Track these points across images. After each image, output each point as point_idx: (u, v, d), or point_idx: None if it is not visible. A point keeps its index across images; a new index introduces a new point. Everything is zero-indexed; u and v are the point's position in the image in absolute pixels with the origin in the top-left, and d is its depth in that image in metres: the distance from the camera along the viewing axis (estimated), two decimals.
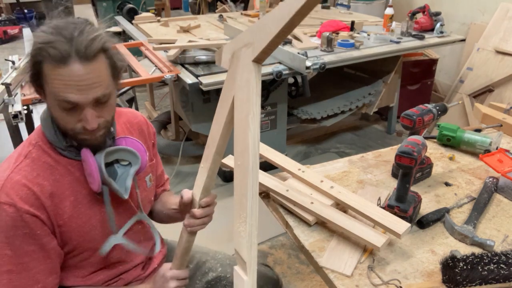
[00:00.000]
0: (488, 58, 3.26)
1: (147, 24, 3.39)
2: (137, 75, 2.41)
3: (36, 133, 0.99)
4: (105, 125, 0.94)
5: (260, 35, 0.80)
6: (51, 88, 0.86)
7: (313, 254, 1.09)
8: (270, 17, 0.78)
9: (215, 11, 5.07)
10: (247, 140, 0.83)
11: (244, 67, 0.85)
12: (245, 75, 0.85)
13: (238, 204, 0.84)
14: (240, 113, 0.85)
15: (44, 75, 0.87)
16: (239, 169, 0.84)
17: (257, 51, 0.81)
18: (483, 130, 1.68)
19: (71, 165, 0.98)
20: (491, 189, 1.31)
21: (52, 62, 0.84)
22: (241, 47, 0.87)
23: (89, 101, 0.87)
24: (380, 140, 3.43)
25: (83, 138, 0.93)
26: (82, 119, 0.89)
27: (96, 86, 0.87)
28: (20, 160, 0.95)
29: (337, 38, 2.81)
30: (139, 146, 1.04)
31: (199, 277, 1.29)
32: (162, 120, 3.26)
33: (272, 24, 0.77)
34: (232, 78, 0.89)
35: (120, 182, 1.01)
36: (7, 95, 1.91)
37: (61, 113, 0.89)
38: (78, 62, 0.84)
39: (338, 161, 1.53)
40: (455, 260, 0.99)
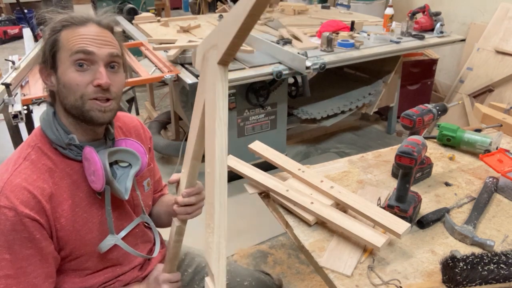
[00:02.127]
0: (488, 58, 3.26)
1: (147, 24, 3.39)
2: (137, 75, 2.41)
3: (35, 135, 0.98)
4: (114, 97, 0.96)
5: (223, 36, 0.79)
6: (68, 47, 0.91)
7: (313, 254, 1.09)
8: (229, 17, 0.76)
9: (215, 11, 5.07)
10: (214, 147, 0.80)
11: (211, 69, 0.83)
12: (211, 78, 0.83)
13: (208, 214, 0.80)
14: (209, 119, 0.83)
15: (60, 42, 0.92)
16: (208, 177, 0.81)
17: (220, 53, 0.79)
18: (483, 130, 1.68)
19: (70, 167, 0.97)
20: (491, 189, 1.31)
21: (72, 26, 0.93)
22: (209, 48, 0.85)
23: (104, 55, 0.93)
24: (380, 140, 3.43)
25: (93, 109, 0.93)
26: (95, 78, 0.91)
27: (110, 45, 0.95)
28: (19, 162, 0.94)
29: (337, 38, 2.81)
30: (139, 148, 1.05)
31: (197, 281, 1.28)
32: (162, 120, 3.25)
33: (231, 25, 0.75)
34: (202, 80, 0.88)
35: (120, 183, 1.00)
36: (7, 95, 1.92)
37: (74, 74, 0.91)
38: (95, 25, 0.95)
39: (338, 161, 1.53)
40: (455, 260, 0.98)
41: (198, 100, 0.92)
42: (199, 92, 0.91)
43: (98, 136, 1.01)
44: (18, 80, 2.15)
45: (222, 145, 0.80)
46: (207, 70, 0.86)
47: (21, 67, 2.25)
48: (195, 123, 0.93)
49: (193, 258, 1.31)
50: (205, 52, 0.87)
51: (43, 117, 0.98)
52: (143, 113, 3.71)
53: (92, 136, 1.00)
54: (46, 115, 0.98)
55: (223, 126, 0.80)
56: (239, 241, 2.28)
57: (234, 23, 0.73)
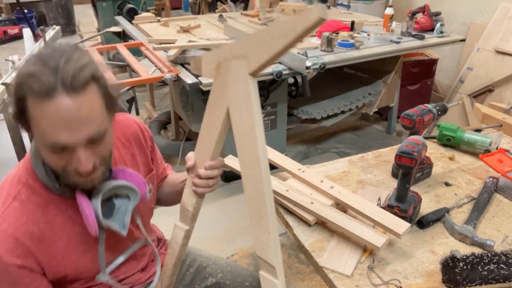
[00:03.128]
0: (488, 58, 3.26)
1: (147, 24, 3.39)
2: (137, 75, 2.41)
3: (26, 169, 0.90)
4: (102, 163, 0.85)
5: (257, 50, 0.80)
6: (38, 129, 0.77)
7: (313, 254, 1.09)
8: (269, 32, 0.78)
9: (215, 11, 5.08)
10: (256, 151, 0.83)
11: (239, 79, 0.85)
12: (241, 88, 0.85)
13: (256, 213, 0.85)
14: (242, 125, 0.86)
15: (29, 113, 0.77)
16: (250, 179, 0.85)
17: (254, 65, 0.81)
18: (483, 130, 1.68)
19: (64, 203, 0.90)
20: (491, 189, 1.31)
21: (36, 97, 0.73)
22: (229, 58, 0.87)
23: (81, 141, 0.77)
24: (380, 140, 3.43)
25: (77, 181, 0.84)
26: (74, 161, 0.79)
27: (89, 123, 0.77)
28: (8, 201, 0.87)
29: (337, 38, 2.81)
30: (138, 179, 0.96)
31: (198, 281, 1.28)
32: (162, 120, 3.25)
33: (273, 41, 0.76)
34: (221, 88, 0.90)
35: (118, 217, 0.95)
36: (7, 95, 1.91)
37: (50, 155, 0.79)
38: (66, 95, 0.73)
39: (338, 161, 1.53)
40: (455, 260, 0.99)
41: (216, 107, 0.93)
42: (217, 99, 0.92)
43: None
44: None
45: (263, 148, 0.84)
46: (229, 79, 0.88)
47: None
48: (212, 129, 0.95)
49: (194, 259, 1.31)
50: (222, 62, 0.89)
51: (32, 153, 0.89)
52: (143, 113, 3.71)
53: None
54: (34, 153, 0.88)
55: (262, 131, 0.84)
56: (239, 241, 2.28)
57: (280, 39, 0.75)
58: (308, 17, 0.72)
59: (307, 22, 0.71)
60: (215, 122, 0.95)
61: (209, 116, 0.96)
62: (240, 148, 0.87)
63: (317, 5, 0.71)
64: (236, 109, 0.88)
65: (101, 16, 4.09)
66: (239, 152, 0.88)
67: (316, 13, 0.70)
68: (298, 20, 0.73)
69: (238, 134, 0.88)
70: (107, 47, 3.12)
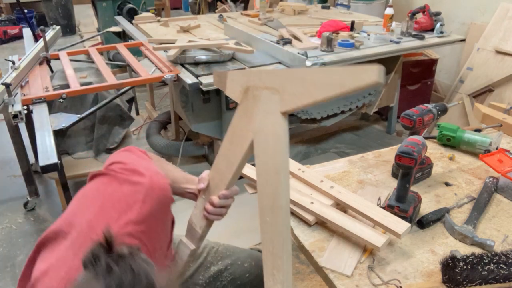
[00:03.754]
0: (488, 58, 3.26)
1: (147, 24, 3.39)
2: (137, 75, 2.41)
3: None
4: None
5: (295, 90, 0.73)
6: None
7: (313, 254, 1.09)
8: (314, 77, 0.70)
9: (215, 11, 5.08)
10: (279, 198, 0.78)
11: (268, 114, 0.79)
12: (270, 124, 0.78)
13: (271, 262, 0.80)
14: (266, 166, 0.80)
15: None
16: (268, 225, 0.80)
17: (289, 106, 0.75)
18: (483, 130, 1.68)
19: None
20: (491, 189, 1.31)
21: None
22: (260, 87, 0.80)
23: None
24: (380, 140, 3.43)
25: None
26: None
27: None
28: None
29: (337, 38, 2.81)
30: None
31: (202, 272, 1.30)
32: (162, 120, 3.25)
33: (316, 88, 0.70)
34: (247, 116, 0.84)
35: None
36: (7, 95, 1.92)
37: None
38: None
39: (338, 161, 1.53)
40: (455, 260, 0.99)
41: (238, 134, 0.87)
42: (240, 125, 0.86)
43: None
44: (18, 80, 2.15)
45: (287, 196, 0.78)
46: (257, 109, 0.82)
47: (21, 67, 2.25)
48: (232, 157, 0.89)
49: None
50: (252, 88, 0.83)
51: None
52: (143, 113, 3.71)
53: None
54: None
55: (288, 177, 0.78)
56: (239, 241, 2.28)
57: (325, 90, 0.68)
58: (363, 78, 0.64)
59: (361, 83, 0.64)
60: (236, 151, 0.88)
61: (230, 143, 0.90)
62: (261, 190, 0.81)
63: (374, 67, 0.63)
64: (261, 147, 0.81)
65: (101, 16, 4.09)
66: (259, 194, 0.82)
67: (374, 77, 0.63)
68: (351, 77, 0.66)
69: (261, 175, 0.82)
70: (107, 47, 3.12)
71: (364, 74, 0.63)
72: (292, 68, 0.74)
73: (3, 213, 2.50)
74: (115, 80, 2.27)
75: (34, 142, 2.25)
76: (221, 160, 0.94)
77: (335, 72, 0.68)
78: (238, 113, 0.87)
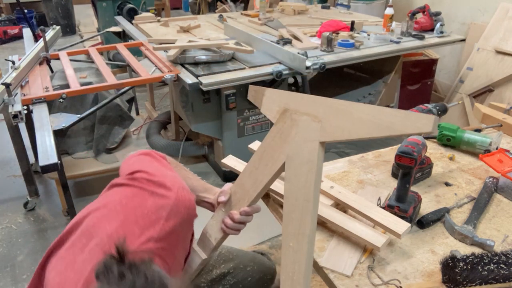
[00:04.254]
0: (488, 58, 3.25)
1: (147, 24, 3.39)
2: (137, 75, 2.41)
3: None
4: None
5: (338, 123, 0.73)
6: None
7: (313, 254, 1.09)
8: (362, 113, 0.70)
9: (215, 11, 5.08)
10: (306, 226, 0.78)
11: (306, 142, 0.79)
12: (306, 151, 0.78)
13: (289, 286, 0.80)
14: (296, 192, 0.80)
15: None
16: (291, 251, 0.80)
17: (329, 136, 0.75)
18: (483, 130, 1.68)
19: None
20: (491, 189, 1.31)
21: None
22: (300, 111, 0.80)
23: None
24: (380, 140, 3.41)
25: None
26: None
27: None
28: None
29: (337, 38, 2.81)
30: None
31: (203, 275, 1.30)
32: (162, 120, 3.25)
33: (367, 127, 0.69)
34: (281, 138, 0.83)
35: None
36: (7, 95, 1.92)
37: None
38: None
39: (338, 161, 1.53)
40: (455, 260, 0.99)
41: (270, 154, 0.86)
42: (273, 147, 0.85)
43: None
44: (18, 80, 2.15)
45: (314, 224, 0.79)
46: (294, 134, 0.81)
47: (21, 67, 2.25)
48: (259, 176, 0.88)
49: None
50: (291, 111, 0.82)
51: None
52: (143, 113, 3.71)
53: None
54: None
55: (317, 206, 0.79)
56: (239, 241, 2.27)
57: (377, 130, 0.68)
58: (417, 126, 0.64)
59: (413, 130, 0.65)
60: (265, 170, 0.88)
61: (259, 160, 0.89)
62: (288, 215, 0.81)
63: (431, 117, 0.64)
64: (294, 172, 0.81)
65: (101, 16, 4.09)
66: (285, 218, 0.82)
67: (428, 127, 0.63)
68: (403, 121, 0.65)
69: (289, 199, 0.82)
70: (107, 47, 3.12)
71: (419, 123, 0.64)
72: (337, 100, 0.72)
73: (3, 213, 2.50)
74: (115, 80, 2.27)
75: (34, 142, 2.25)
76: (246, 177, 0.93)
77: (386, 114, 0.67)
78: (272, 133, 0.86)
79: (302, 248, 0.79)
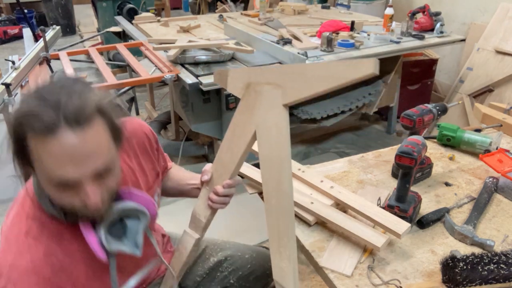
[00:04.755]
0: (488, 58, 3.26)
1: (147, 24, 3.39)
2: (137, 75, 2.41)
3: (30, 202, 0.87)
4: (110, 196, 0.82)
5: (296, 84, 0.80)
6: (41, 167, 0.73)
7: (313, 254, 1.09)
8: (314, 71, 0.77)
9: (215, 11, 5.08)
10: (283, 184, 0.85)
11: (271, 108, 0.85)
12: (273, 116, 0.85)
13: (277, 242, 0.88)
14: (269, 155, 0.87)
15: (30, 151, 0.73)
16: (273, 208, 0.87)
17: (291, 98, 0.82)
18: (483, 130, 1.68)
19: (75, 231, 0.85)
20: (491, 189, 1.31)
21: (37, 135, 0.70)
22: (262, 82, 0.86)
23: (88, 176, 0.74)
24: (380, 140, 3.43)
25: (85, 214, 0.80)
26: (82, 196, 0.76)
27: (95, 157, 0.74)
28: (21, 239, 0.83)
29: (337, 38, 2.81)
30: (146, 200, 0.91)
31: (200, 263, 1.32)
32: (162, 120, 3.25)
33: (317, 81, 0.77)
34: (249, 110, 0.90)
35: (130, 238, 0.91)
36: (7, 95, 1.92)
37: (56, 193, 0.77)
38: (69, 130, 0.70)
39: (338, 161, 1.53)
40: (455, 260, 0.99)
41: (241, 128, 0.93)
42: (243, 120, 0.92)
43: None
44: (18, 80, 2.15)
45: (290, 180, 0.85)
46: (259, 103, 0.88)
47: (21, 67, 2.25)
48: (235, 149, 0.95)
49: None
50: (253, 84, 0.89)
51: (35, 187, 0.86)
52: (143, 113, 3.71)
53: None
54: (37, 187, 0.85)
55: (290, 164, 0.85)
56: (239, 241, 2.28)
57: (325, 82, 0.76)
58: (360, 70, 0.72)
59: (358, 74, 0.72)
60: (239, 142, 0.94)
61: (232, 135, 0.95)
62: (266, 178, 0.88)
63: (371, 59, 0.71)
64: (264, 137, 0.88)
65: (101, 16, 4.09)
66: (264, 181, 0.88)
67: (370, 69, 0.70)
68: (348, 69, 0.73)
69: (264, 162, 0.88)
70: (107, 47, 3.12)
71: (362, 67, 0.71)
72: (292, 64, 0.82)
73: (3, 213, 2.49)
74: (115, 80, 2.27)
75: None
76: (224, 153, 0.99)
77: (334, 66, 0.75)
78: (240, 108, 0.93)
79: (283, 204, 0.86)
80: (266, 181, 0.88)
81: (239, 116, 0.93)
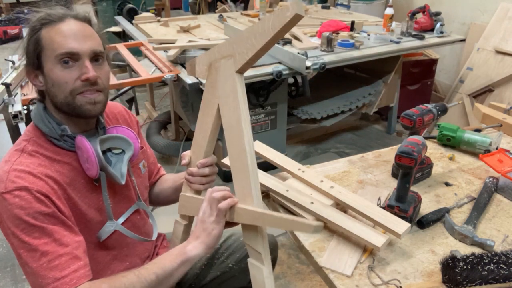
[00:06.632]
0: (488, 58, 3.26)
1: (147, 24, 3.39)
2: (137, 75, 2.41)
3: (28, 130, 1.00)
4: (103, 88, 0.98)
5: (242, 48, 0.87)
6: (51, 47, 0.93)
7: (313, 254, 1.09)
8: (252, 31, 0.85)
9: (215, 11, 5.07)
10: (243, 143, 0.90)
11: (227, 77, 0.92)
12: (228, 85, 0.92)
13: (243, 203, 0.93)
14: (230, 120, 0.93)
15: (42, 41, 0.93)
16: (237, 170, 0.92)
17: (240, 62, 0.88)
18: (483, 130, 1.68)
19: (68, 155, 0.99)
20: (491, 189, 1.31)
21: (51, 23, 0.94)
22: (218, 58, 0.94)
23: (87, 51, 0.95)
24: (380, 140, 3.43)
25: (84, 106, 0.96)
26: (82, 73, 0.94)
27: (92, 39, 0.97)
28: (17, 155, 0.95)
29: (337, 38, 2.81)
30: (130, 133, 1.08)
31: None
32: (162, 120, 3.26)
33: (255, 39, 0.84)
34: (212, 87, 0.96)
35: (115, 169, 1.03)
36: (7, 95, 1.92)
37: (61, 72, 0.93)
38: (74, 20, 0.97)
39: (338, 161, 1.53)
40: (455, 260, 0.99)
41: (207, 105, 0.99)
42: (208, 98, 0.98)
43: (89, 126, 1.04)
44: (18, 80, 2.15)
45: (250, 141, 0.91)
46: (218, 78, 0.94)
47: (21, 67, 2.25)
48: (205, 126, 1.01)
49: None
50: (213, 62, 0.96)
51: (34, 113, 1.00)
52: (143, 113, 3.71)
53: (83, 128, 1.02)
54: (37, 110, 1.00)
55: (249, 125, 0.91)
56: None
57: (261, 37, 0.83)
58: (284, 15, 0.76)
59: (284, 20, 0.76)
60: (207, 120, 0.99)
61: (202, 115, 1.01)
62: (229, 142, 0.93)
63: (293, 2, 0.75)
64: (224, 106, 0.93)
65: (101, 16, 4.09)
66: (228, 146, 0.93)
67: (292, 10, 0.75)
68: (276, 18, 0.78)
69: (227, 129, 0.94)
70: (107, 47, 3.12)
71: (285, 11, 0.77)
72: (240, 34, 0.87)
73: None
74: (115, 80, 2.27)
75: None
76: (197, 134, 1.04)
77: (265, 19, 0.82)
78: (206, 88, 0.99)
79: (244, 162, 0.90)
80: (229, 146, 0.93)
81: (206, 95, 0.99)
